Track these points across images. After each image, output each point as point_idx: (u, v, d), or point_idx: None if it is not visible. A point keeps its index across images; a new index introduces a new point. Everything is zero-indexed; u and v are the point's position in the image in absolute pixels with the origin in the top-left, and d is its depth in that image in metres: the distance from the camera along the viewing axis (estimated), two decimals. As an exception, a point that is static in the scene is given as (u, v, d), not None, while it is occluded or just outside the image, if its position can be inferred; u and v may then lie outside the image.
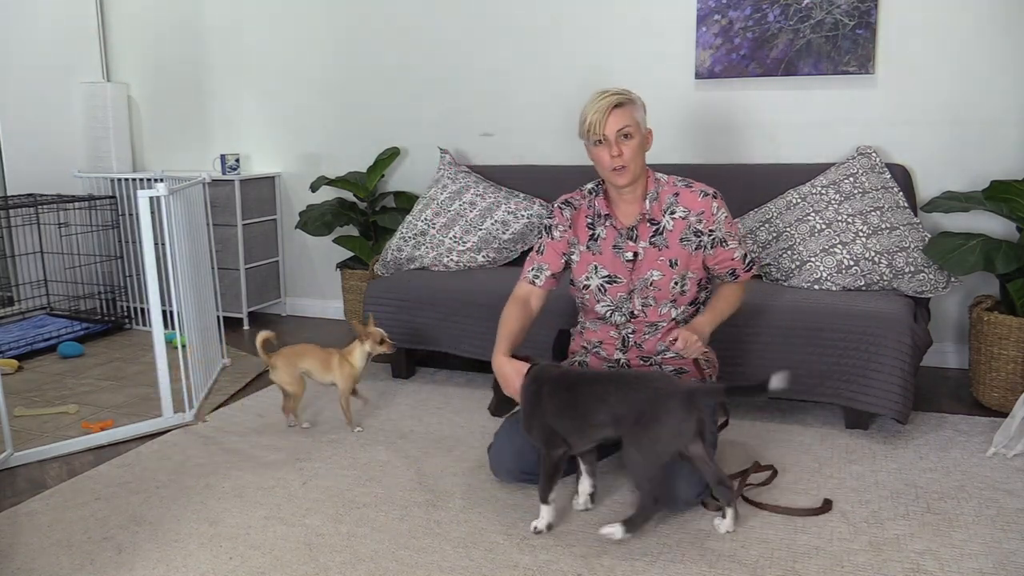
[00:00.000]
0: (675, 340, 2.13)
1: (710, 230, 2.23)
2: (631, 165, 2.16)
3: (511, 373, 2.13)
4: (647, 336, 2.29)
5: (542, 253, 2.36)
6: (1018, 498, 2.17)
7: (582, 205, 2.33)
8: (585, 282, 2.31)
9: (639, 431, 1.91)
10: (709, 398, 1.92)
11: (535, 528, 2.05)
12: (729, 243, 2.26)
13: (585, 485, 2.16)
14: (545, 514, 2.05)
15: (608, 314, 2.31)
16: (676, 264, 2.24)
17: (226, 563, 1.92)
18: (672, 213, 2.24)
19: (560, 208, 2.35)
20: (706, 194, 2.24)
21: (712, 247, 2.25)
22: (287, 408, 2.80)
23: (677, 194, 2.25)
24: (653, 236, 2.24)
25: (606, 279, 2.29)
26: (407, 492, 2.27)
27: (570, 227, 2.33)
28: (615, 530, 1.95)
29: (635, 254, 2.26)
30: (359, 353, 2.73)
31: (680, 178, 2.29)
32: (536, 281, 2.36)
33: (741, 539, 1.98)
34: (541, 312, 2.39)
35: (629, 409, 1.92)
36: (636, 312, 2.28)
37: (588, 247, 2.31)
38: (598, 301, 2.31)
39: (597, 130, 2.14)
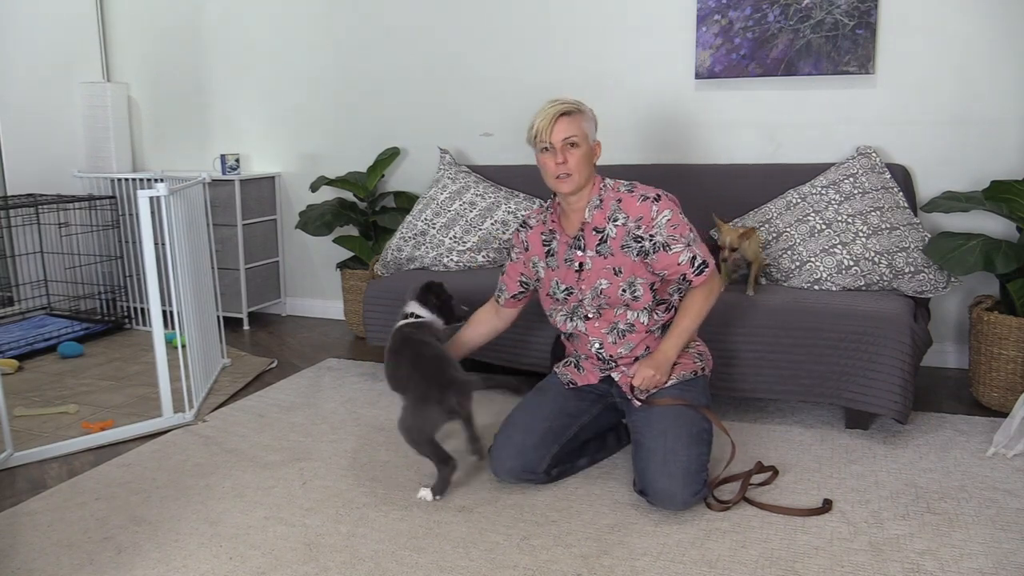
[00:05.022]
0: (635, 375, 2.22)
1: (650, 235, 2.18)
2: (575, 174, 2.18)
3: None
4: (618, 349, 2.29)
5: (505, 273, 2.48)
6: (1018, 498, 2.17)
7: (538, 223, 2.38)
8: (549, 293, 2.37)
9: (406, 407, 2.23)
10: (463, 392, 2.17)
11: None
12: (672, 247, 2.17)
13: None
14: None
15: (564, 321, 2.35)
16: (620, 272, 2.22)
17: (226, 563, 1.92)
18: (615, 220, 2.21)
19: (517, 230, 2.43)
20: (646, 198, 2.19)
21: (654, 252, 2.19)
22: None
23: (620, 200, 2.22)
24: (599, 244, 2.24)
25: (565, 291, 2.32)
26: (407, 492, 2.27)
27: (526, 249, 2.40)
28: (426, 493, 2.19)
29: (581, 264, 2.26)
30: None
31: (625, 183, 2.25)
32: (499, 299, 2.50)
33: (741, 539, 1.98)
34: (517, 322, 2.57)
35: (404, 386, 2.25)
36: (590, 315, 2.29)
37: (547, 263, 2.35)
38: (558, 311, 2.35)
39: (544, 137, 2.17)
